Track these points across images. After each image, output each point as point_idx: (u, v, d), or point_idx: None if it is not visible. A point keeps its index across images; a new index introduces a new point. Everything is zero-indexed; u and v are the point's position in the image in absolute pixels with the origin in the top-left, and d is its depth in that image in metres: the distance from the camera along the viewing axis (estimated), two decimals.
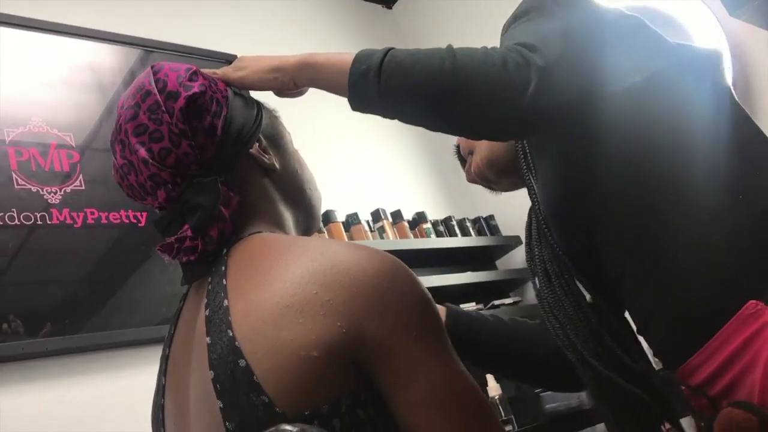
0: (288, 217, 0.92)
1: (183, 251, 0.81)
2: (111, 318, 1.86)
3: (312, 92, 0.96)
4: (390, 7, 3.60)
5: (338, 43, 3.16)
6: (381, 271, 0.72)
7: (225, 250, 0.82)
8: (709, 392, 0.86)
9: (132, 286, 1.95)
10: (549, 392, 2.27)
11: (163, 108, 0.82)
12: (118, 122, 0.86)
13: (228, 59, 2.59)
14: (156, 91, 0.83)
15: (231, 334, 0.71)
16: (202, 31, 2.60)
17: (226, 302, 0.74)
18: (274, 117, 0.97)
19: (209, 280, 0.80)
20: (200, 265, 0.83)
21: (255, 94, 0.98)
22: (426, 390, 0.69)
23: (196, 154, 0.83)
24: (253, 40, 2.77)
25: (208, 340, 0.74)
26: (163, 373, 0.87)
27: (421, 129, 0.91)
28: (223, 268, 0.79)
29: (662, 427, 0.96)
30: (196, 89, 0.83)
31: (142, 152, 0.81)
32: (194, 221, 0.80)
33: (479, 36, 3.11)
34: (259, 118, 0.91)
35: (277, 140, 0.95)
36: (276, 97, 0.97)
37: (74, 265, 1.87)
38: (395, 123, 0.90)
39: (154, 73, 0.86)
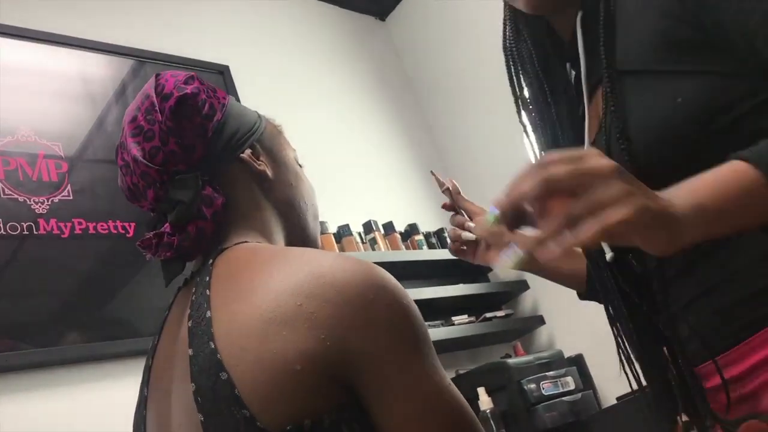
0: (278, 227, 0.91)
1: (161, 247, 0.81)
2: (98, 330, 1.83)
3: (305, 102, 0.95)
4: (383, 20, 3.61)
5: (332, 55, 3.17)
6: (366, 283, 0.70)
7: (211, 261, 0.81)
8: (741, 390, 0.82)
9: (120, 297, 1.93)
10: (542, 405, 2.25)
11: (157, 108, 0.84)
12: (122, 127, 0.88)
13: (220, 70, 2.58)
14: (154, 94, 0.85)
15: (213, 346, 0.70)
16: (195, 42, 2.60)
17: (209, 314, 0.73)
18: (277, 131, 0.98)
19: (193, 290, 0.79)
20: (178, 262, 0.83)
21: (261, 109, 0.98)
22: (411, 404, 0.67)
23: (183, 153, 0.84)
24: (245, 51, 2.77)
25: (190, 352, 0.72)
26: (145, 384, 0.86)
27: (413, 139, 0.88)
28: (208, 279, 0.78)
29: (678, 418, 0.90)
30: (188, 90, 0.85)
31: (135, 151, 0.83)
32: (173, 216, 0.81)
33: (471, 48, 3.12)
34: (255, 126, 0.92)
35: (274, 152, 0.95)
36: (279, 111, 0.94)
37: (61, 276, 1.85)
38: (386, 135, 0.89)
39: (156, 80, 0.88)
